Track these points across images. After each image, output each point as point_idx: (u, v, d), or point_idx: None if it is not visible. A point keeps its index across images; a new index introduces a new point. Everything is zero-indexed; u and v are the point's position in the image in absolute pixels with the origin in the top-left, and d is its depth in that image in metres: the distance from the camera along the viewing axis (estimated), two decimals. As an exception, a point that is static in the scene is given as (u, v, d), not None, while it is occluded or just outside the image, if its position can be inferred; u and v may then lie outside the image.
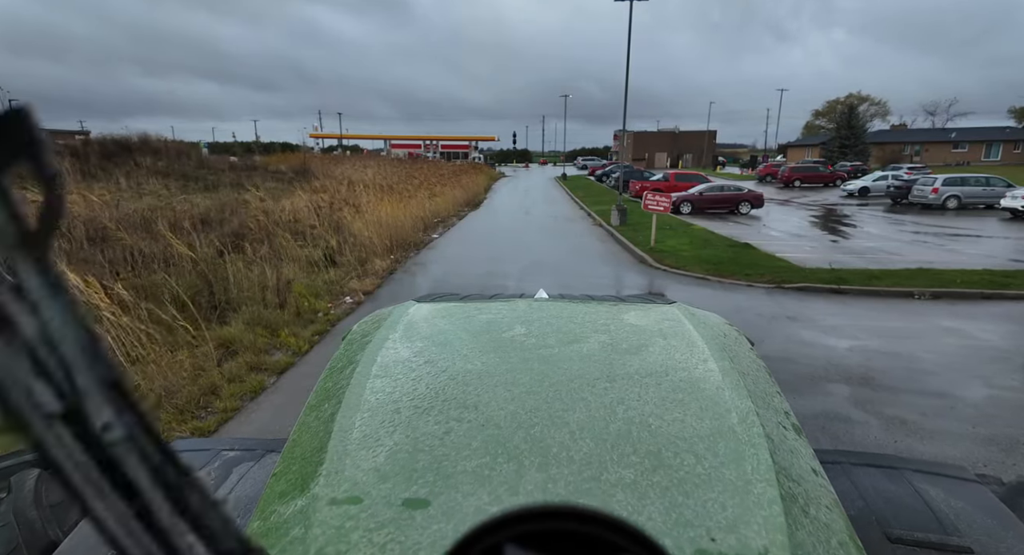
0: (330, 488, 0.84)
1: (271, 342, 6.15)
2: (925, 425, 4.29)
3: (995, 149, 51.52)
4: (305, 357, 5.95)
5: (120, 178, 24.20)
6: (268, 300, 7.18)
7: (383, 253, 11.48)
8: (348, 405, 1.07)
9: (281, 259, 9.23)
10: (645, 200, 11.73)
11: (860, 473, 1.54)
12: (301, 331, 6.57)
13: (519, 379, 1.13)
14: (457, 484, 0.82)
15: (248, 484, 1.52)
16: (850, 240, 13.55)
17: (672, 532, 0.73)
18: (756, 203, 19.85)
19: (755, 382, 1.21)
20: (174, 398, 4.72)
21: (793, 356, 5.72)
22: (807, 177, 33.91)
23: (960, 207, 20.60)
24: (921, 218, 18.29)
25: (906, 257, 11.05)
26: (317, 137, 75.07)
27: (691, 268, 9.98)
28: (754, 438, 0.95)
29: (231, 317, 6.63)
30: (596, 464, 0.86)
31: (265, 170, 36.29)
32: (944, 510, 1.36)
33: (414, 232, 14.61)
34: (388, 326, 1.47)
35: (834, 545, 0.80)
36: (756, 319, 7.00)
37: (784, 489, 0.85)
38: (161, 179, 25.50)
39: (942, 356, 5.73)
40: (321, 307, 7.48)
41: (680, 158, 69.00)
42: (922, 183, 21.52)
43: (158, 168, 27.40)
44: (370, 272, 9.93)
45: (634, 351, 1.28)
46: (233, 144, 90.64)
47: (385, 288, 9.09)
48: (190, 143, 43.18)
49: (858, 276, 8.89)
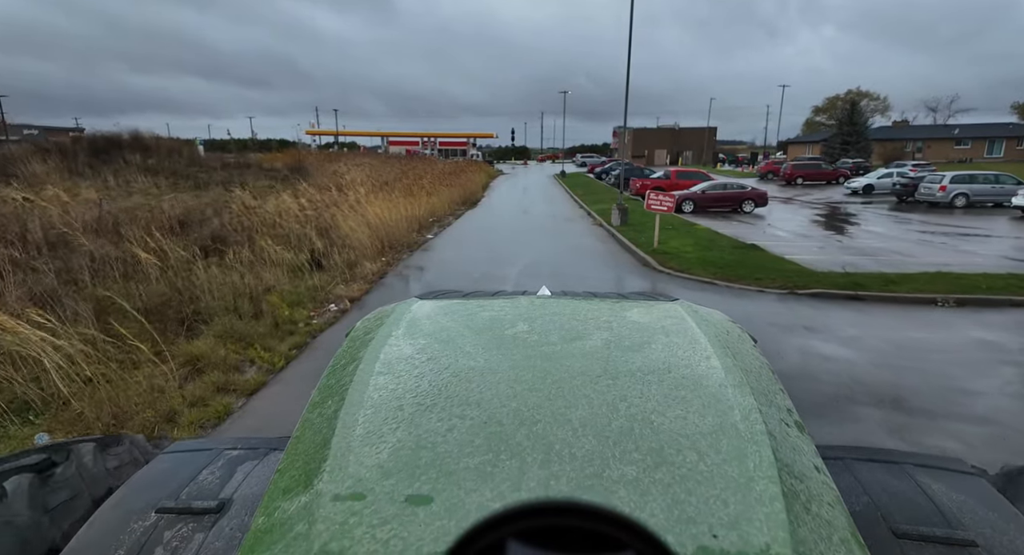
0: (334, 484, 0.84)
1: (243, 357, 5.63)
2: (978, 460, 3.78)
3: (998, 146, 50.99)
4: (280, 375, 5.43)
5: (109, 176, 23.60)
6: (243, 310, 6.66)
7: (374, 255, 10.96)
8: (351, 402, 1.07)
9: (264, 263, 8.71)
10: (648, 200, 11.21)
11: (862, 468, 1.54)
12: (277, 345, 6.05)
13: (521, 376, 1.12)
14: (460, 481, 0.82)
15: (253, 482, 1.50)
16: (859, 240, 13.04)
17: (674, 528, 0.73)
18: (760, 202, 19.35)
19: (758, 379, 1.20)
20: (125, 426, 4.20)
21: (814, 372, 5.22)
22: (810, 174, 33.41)
23: (968, 205, 20.11)
24: (929, 217, 17.80)
25: (920, 259, 10.55)
26: (313, 134, 74.22)
27: (697, 271, 9.47)
28: (756, 435, 0.95)
29: (202, 329, 6.10)
30: (598, 461, 0.86)
31: (259, 168, 35.70)
32: (947, 504, 1.35)
33: (408, 232, 14.08)
34: (391, 323, 1.47)
35: (836, 542, 0.80)
36: (770, 329, 6.49)
37: (786, 486, 0.85)
38: (151, 177, 24.88)
39: (979, 374, 5.22)
40: (301, 316, 6.96)
41: (680, 155, 68.38)
42: (929, 180, 21.04)
43: (148, 165, 26.76)
44: (359, 276, 9.41)
45: (636, 348, 1.27)
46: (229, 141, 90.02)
47: (374, 294, 8.57)
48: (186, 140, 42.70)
49: (874, 280, 8.39)
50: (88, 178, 23.57)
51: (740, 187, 19.98)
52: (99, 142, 28.69)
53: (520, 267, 10.18)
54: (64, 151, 26.24)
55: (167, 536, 1.27)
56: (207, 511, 1.34)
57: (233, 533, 1.27)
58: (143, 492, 1.45)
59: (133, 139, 30.09)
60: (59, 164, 23.26)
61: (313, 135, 74.27)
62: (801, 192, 28.68)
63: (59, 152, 25.88)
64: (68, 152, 26.22)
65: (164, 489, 1.45)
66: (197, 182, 24.89)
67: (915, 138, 54.68)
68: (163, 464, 1.63)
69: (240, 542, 1.17)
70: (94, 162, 25.74)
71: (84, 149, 27.53)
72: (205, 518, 1.33)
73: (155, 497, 1.41)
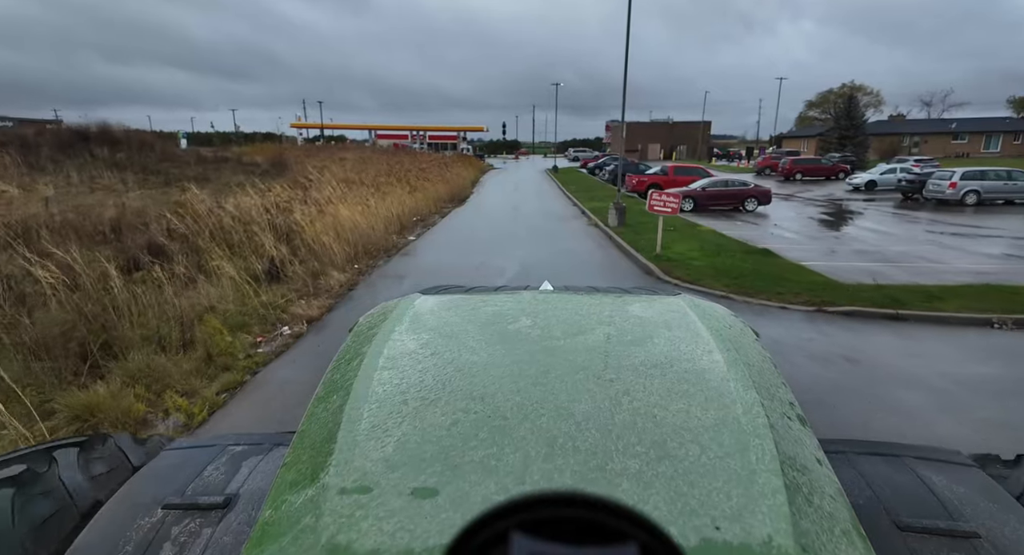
0: (340, 478, 0.85)
1: (154, 408, 4.46)
2: None
3: (995, 140, 50.32)
4: (199, 431, 4.27)
5: (72, 171, 22.12)
6: (170, 339, 5.47)
7: (344, 263, 9.77)
8: (356, 396, 1.08)
9: (211, 276, 7.51)
10: (650, 200, 10.08)
11: (864, 462, 1.55)
12: (204, 386, 4.88)
13: (525, 370, 1.13)
14: (464, 474, 0.82)
15: (259, 477, 1.50)
16: (875, 243, 12.01)
17: (677, 521, 0.73)
18: (763, 199, 18.31)
19: (760, 373, 1.21)
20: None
21: (878, 431, 4.13)
22: (809, 170, 32.51)
23: (978, 203, 19.22)
24: (941, 216, 16.85)
25: (950, 265, 9.54)
26: (299, 127, 72.12)
27: (707, 282, 8.38)
28: (758, 428, 0.95)
29: (110, 368, 4.91)
30: (601, 454, 0.86)
31: (239, 162, 34.17)
32: (948, 496, 1.37)
33: (386, 235, 12.88)
34: (394, 318, 1.47)
35: (837, 534, 0.80)
36: (805, 362, 5.41)
37: (788, 479, 0.85)
38: (119, 172, 23.41)
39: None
40: (243, 345, 5.78)
41: (674, 150, 67.31)
42: (938, 177, 20.09)
43: (117, 160, 25.23)
44: (323, 289, 8.23)
45: (639, 342, 1.28)
46: (213, 135, 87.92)
47: (339, 311, 7.40)
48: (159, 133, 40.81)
49: (914, 295, 7.34)
50: (50, 173, 22.10)
51: (743, 184, 18.91)
52: (64, 135, 27.00)
53: (509, 276, 9.03)
54: (26, 144, 24.67)
55: (175, 532, 1.26)
56: (214, 506, 1.35)
57: (241, 528, 1.27)
58: (148, 489, 1.44)
59: (101, 132, 28.43)
60: (17, 158, 21.72)
61: (299, 128, 72.26)
62: (801, 188, 27.72)
63: (21, 145, 24.32)
64: (30, 145, 24.65)
65: (169, 486, 1.45)
66: (168, 178, 23.49)
67: (912, 133, 53.98)
68: (166, 461, 1.61)
69: (248, 537, 1.06)
70: (58, 156, 24.20)
71: (48, 142, 25.94)
72: (212, 513, 1.33)
73: (160, 494, 1.41)
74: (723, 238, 12.35)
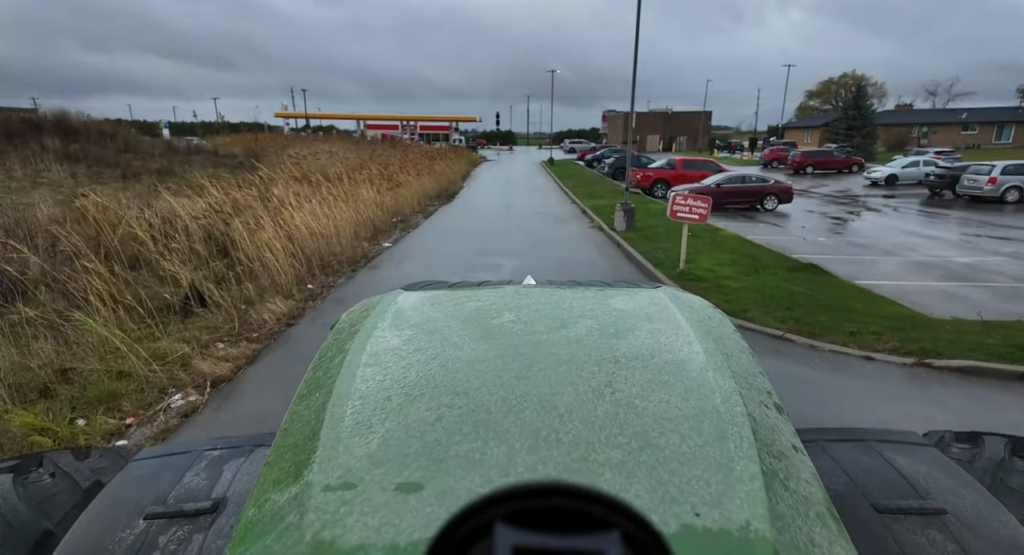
0: (324, 475, 0.84)
1: None
2: None
3: (1007, 131, 48.55)
4: None
5: (15, 165, 19.94)
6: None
7: (292, 283, 7.81)
8: (339, 393, 1.07)
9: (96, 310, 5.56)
10: (673, 206, 8.15)
11: (835, 448, 1.59)
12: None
13: (508, 365, 1.13)
14: (449, 468, 0.82)
15: (245, 479, 1.47)
16: (931, 252, 10.17)
17: (659, 508, 0.74)
18: (784, 197, 16.45)
19: (738, 363, 1.22)
20: None
21: None
22: (821, 163, 30.65)
23: (1020, 200, 17.45)
24: (983, 215, 15.06)
25: (1042, 286, 7.71)
26: (284, 116, 69.33)
27: (755, 315, 6.48)
28: (737, 417, 0.96)
29: None
30: (584, 445, 0.87)
31: (215, 153, 31.90)
32: (913, 475, 1.43)
33: (356, 241, 10.91)
34: (377, 315, 1.46)
35: (812, 516, 0.82)
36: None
37: (765, 465, 0.86)
38: (71, 165, 21.24)
39: None
40: (102, 430, 3.84)
41: (673, 141, 65.23)
42: (974, 171, 18.26)
43: (70, 152, 23.00)
44: (253, 325, 6.28)
45: (621, 335, 1.29)
46: (195, 124, 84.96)
47: (260, 363, 5.46)
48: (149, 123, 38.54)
49: (1038, 339, 5.49)
50: (-8, 165, 19.92)
51: (761, 180, 17.01)
52: (13, 124, 24.63)
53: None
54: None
55: (162, 540, 1.24)
56: (202, 512, 1.32)
57: (232, 531, 1.19)
58: (124, 501, 1.37)
59: (57, 121, 26.05)
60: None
61: (284, 118, 69.53)
62: (814, 183, 25.88)
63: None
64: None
65: (148, 495, 1.40)
66: (127, 172, 21.35)
67: (921, 123, 52.15)
68: (139, 471, 1.55)
69: None
70: (4, 147, 21.93)
71: (-5, 131, 23.64)
72: (201, 519, 1.31)
73: (139, 504, 1.35)
74: (753, 247, 10.45)
